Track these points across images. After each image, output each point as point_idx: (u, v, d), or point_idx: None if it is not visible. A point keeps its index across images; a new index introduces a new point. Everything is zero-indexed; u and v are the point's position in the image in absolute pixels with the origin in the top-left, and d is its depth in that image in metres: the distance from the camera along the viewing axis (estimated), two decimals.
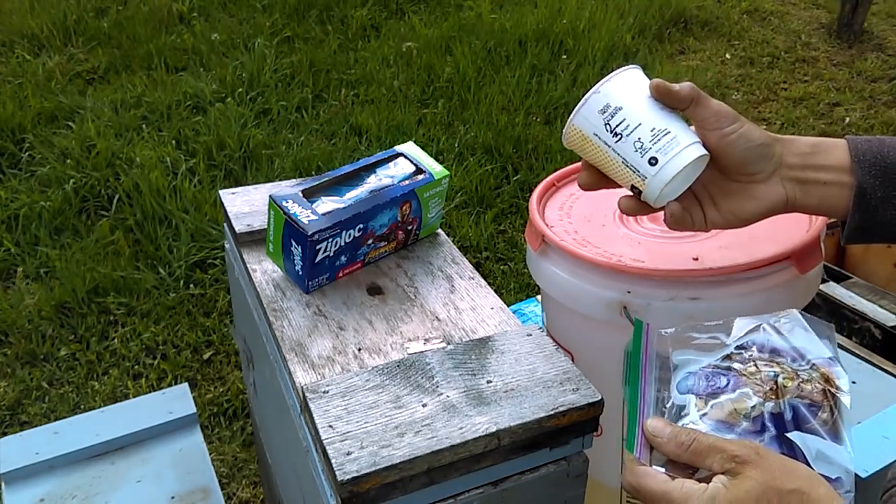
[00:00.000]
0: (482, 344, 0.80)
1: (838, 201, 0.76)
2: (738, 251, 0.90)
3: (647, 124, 0.73)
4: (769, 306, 0.89)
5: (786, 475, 0.57)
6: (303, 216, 0.86)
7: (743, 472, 0.57)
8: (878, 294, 1.79)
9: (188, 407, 1.36)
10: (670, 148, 0.73)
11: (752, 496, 0.56)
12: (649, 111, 0.74)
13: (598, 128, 0.75)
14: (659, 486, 0.60)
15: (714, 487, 0.57)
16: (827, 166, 0.75)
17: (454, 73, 3.56)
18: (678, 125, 0.74)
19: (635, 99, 0.74)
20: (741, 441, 0.59)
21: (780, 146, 0.76)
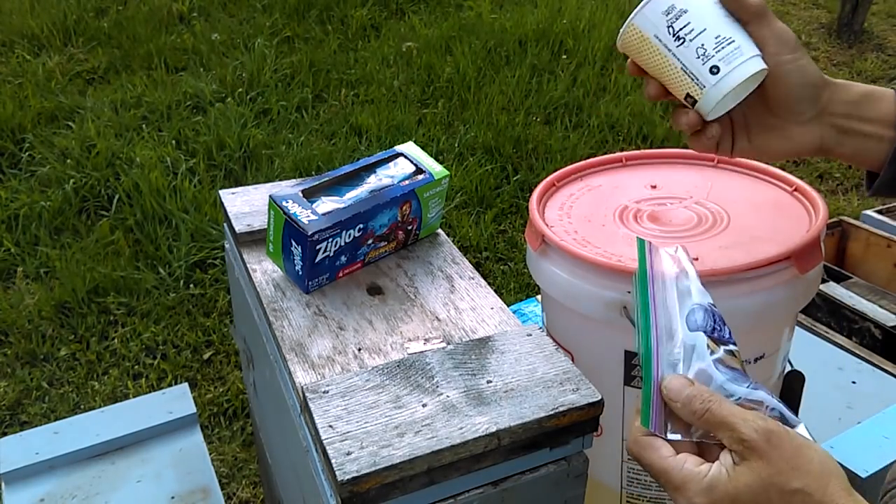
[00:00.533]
0: (482, 344, 0.80)
1: (874, 154, 0.75)
2: (738, 251, 0.90)
3: (713, 31, 0.71)
4: (769, 306, 0.89)
5: (792, 471, 0.53)
6: (303, 216, 0.86)
7: (749, 459, 0.54)
8: (878, 294, 1.79)
9: (188, 407, 1.36)
10: (734, 58, 0.71)
11: (753, 490, 0.53)
12: (715, 17, 0.71)
13: (660, 29, 0.73)
14: (660, 463, 0.57)
15: (714, 475, 0.55)
16: (871, 118, 0.74)
17: (454, 73, 3.56)
18: (742, 35, 0.72)
19: (702, 3, 0.72)
20: (756, 420, 0.55)
21: (829, 91, 0.74)
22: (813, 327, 1.61)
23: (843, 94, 0.75)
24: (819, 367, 1.48)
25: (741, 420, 0.55)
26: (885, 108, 0.74)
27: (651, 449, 0.58)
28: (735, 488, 0.54)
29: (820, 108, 0.75)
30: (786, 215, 0.97)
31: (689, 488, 0.55)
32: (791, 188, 1.02)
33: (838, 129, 0.75)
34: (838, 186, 3.26)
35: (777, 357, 0.98)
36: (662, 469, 0.57)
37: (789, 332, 1.00)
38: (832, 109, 0.75)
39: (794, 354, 1.04)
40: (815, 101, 0.75)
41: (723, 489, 0.54)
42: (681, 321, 0.62)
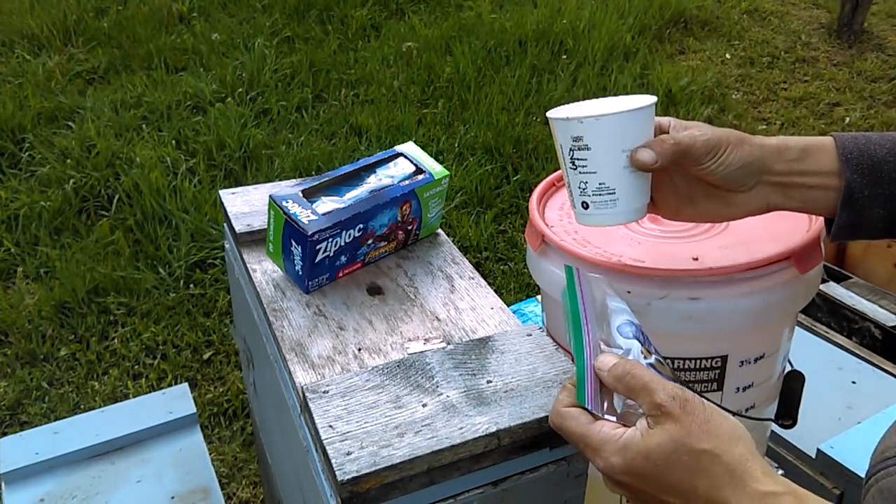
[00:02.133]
0: (482, 344, 0.80)
1: (822, 203, 0.76)
2: (738, 251, 0.90)
3: (601, 177, 0.76)
4: (769, 306, 0.89)
5: (703, 434, 0.56)
6: (303, 216, 0.86)
7: (663, 423, 0.57)
8: (878, 294, 1.79)
9: (188, 407, 1.36)
10: (605, 206, 0.77)
11: (664, 450, 0.57)
12: (611, 167, 0.75)
13: (564, 146, 0.77)
14: (578, 429, 0.61)
15: (628, 436, 0.58)
16: (814, 171, 0.76)
17: (454, 73, 3.56)
18: (632, 186, 0.76)
19: (608, 147, 0.75)
20: (674, 389, 0.58)
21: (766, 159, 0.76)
22: (813, 327, 1.61)
23: (782, 155, 0.76)
24: (819, 367, 1.47)
25: (660, 386, 0.58)
26: (826, 159, 0.75)
27: (570, 418, 0.62)
28: (647, 447, 0.57)
29: (759, 177, 0.76)
30: (786, 215, 0.97)
31: (605, 449, 0.59)
32: None
33: (782, 185, 0.76)
34: None
35: (777, 357, 0.98)
36: (581, 434, 0.61)
37: (789, 332, 1.00)
38: (773, 169, 0.76)
39: (794, 354, 1.04)
40: (750, 175, 0.76)
41: (636, 448, 0.58)
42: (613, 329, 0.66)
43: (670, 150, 0.74)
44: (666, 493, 0.58)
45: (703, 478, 0.56)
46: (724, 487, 0.56)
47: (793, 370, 1.03)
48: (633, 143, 0.75)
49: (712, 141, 0.74)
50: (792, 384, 1.02)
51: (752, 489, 0.55)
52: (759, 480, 0.55)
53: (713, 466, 0.56)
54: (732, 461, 0.56)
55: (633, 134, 0.75)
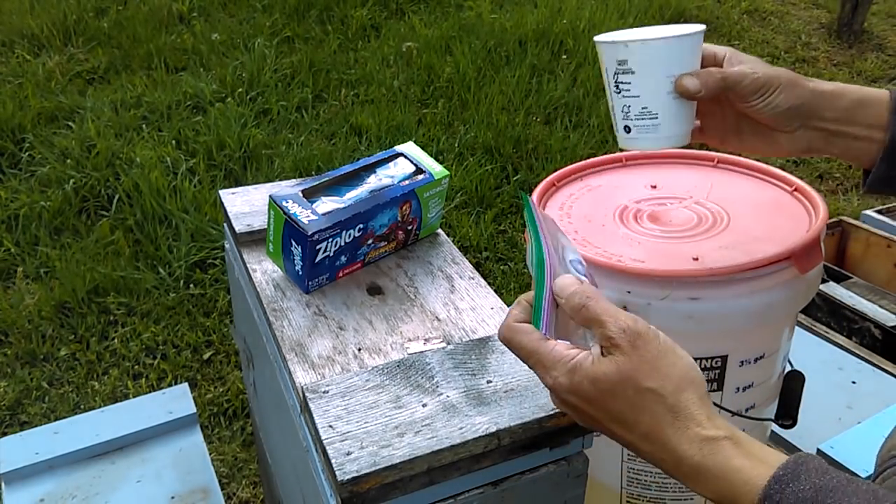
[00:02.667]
0: (482, 344, 0.80)
1: (864, 154, 0.77)
2: (738, 251, 0.90)
3: (644, 101, 0.76)
4: (769, 306, 0.89)
5: (650, 371, 0.57)
6: (303, 216, 0.86)
7: (613, 354, 0.58)
8: (878, 294, 1.79)
9: (188, 407, 1.36)
10: (646, 130, 0.77)
11: (610, 380, 0.57)
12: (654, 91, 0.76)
13: (609, 70, 0.77)
14: (531, 344, 0.61)
15: (579, 359, 0.59)
16: (863, 123, 0.76)
17: (454, 73, 3.56)
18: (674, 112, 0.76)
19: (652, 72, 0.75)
20: (626, 321, 0.58)
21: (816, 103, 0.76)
22: (813, 327, 1.61)
23: (834, 103, 0.76)
24: (819, 367, 1.48)
25: (612, 318, 0.59)
26: (878, 113, 0.76)
27: (522, 333, 0.62)
28: (595, 373, 0.58)
29: (805, 121, 0.77)
30: (786, 215, 0.97)
31: (555, 367, 0.59)
32: (791, 188, 1.02)
33: (828, 133, 0.77)
34: (838, 186, 3.26)
35: (777, 357, 0.98)
36: (533, 349, 0.61)
37: (789, 332, 1.00)
38: (821, 118, 0.76)
39: (794, 354, 1.04)
40: (797, 118, 0.76)
41: (584, 372, 0.58)
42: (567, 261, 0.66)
43: (716, 82, 0.75)
44: (609, 421, 0.59)
45: (646, 414, 0.57)
46: (665, 427, 0.57)
47: (793, 370, 1.03)
48: (678, 69, 0.75)
49: (761, 80, 0.75)
50: (792, 384, 1.02)
51: (692, 432, 0.56)
52: (702, 424, 0.56)
53: (656, 405, 0.57)
54: (677, 404, 0.57)
55: (679, 61, 0.75)
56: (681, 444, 0.56)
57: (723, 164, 1.10)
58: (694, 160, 1.12)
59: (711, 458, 0.55)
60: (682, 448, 0.56)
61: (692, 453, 0.56)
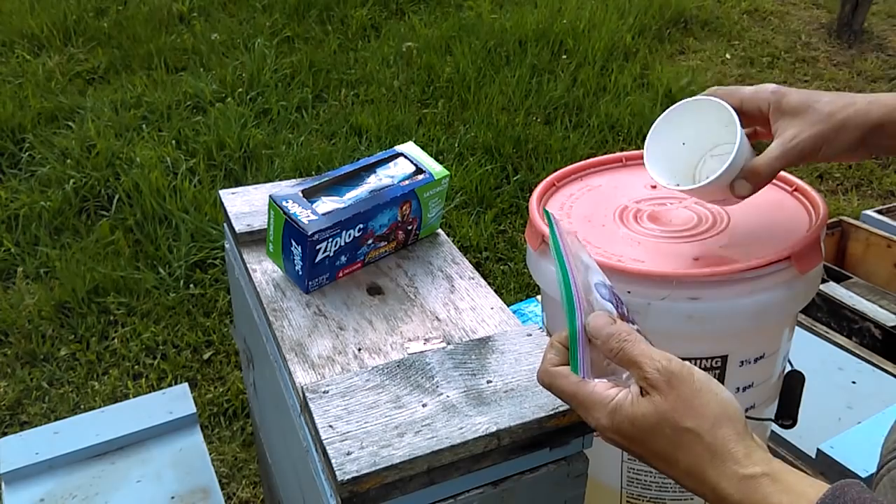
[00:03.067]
0: (482, 344, 0.80)
1: None
2: (738, 251, 0.90)
3: None
4: (769, 306, 0.89)
5: (686, 411, 0.58)
6: (303, 216, 0.86)
7: (650, 394, 0.59)
8: (878, 294, 1.79)
9: (188, 407, 1.36)
10: None
11: (649, 421, 0.59)
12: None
13: None
14: (570, 387, 0.63)
15: (619, 400, 0.60)
16: None
17: (454, 73, 3.56)
18: None
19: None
20: (661, 362, 0.59)
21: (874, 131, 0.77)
22: (813, 327, 1.61)
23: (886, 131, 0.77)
24: (819, 367, 1.47)
25: (648, 359, 0.60)
26: None
27: (561, 377, 0.64)
28: (633, 414, 0.59)
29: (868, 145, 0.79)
30: (786, 215, 0.97)
31: (596, 409, 0.61)
32: (791, 188, 1.02)
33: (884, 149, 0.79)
34: (838, 186, 3.26)
35: (777, 357, 0.98)
36: (573, 392, 0.63)
37: (789, 332, 1.00)
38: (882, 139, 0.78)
39: (794, 354, 1.04)
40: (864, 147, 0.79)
41: (623, 413, 0.60)
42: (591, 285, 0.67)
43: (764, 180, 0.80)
44: (652, 457, 0.61)
45: (684, 454, 0.58)
46: (705, 466, 0.58)
47: (793, 370, 1.03)
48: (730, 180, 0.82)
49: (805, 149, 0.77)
50: (792, 384, 1.02)
51: (731, 471, 0.57)
52: (739, 462, 0.57)
53: (694, 445, 0.58)
54: (714, 442, 0.57)
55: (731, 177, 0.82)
56: (720, 483, 0.57)
57: None
58: None
59: (751, 496, 0.56)
60: (722, 486, 0.57)
61: (731, 492, 0.56)
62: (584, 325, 0.64)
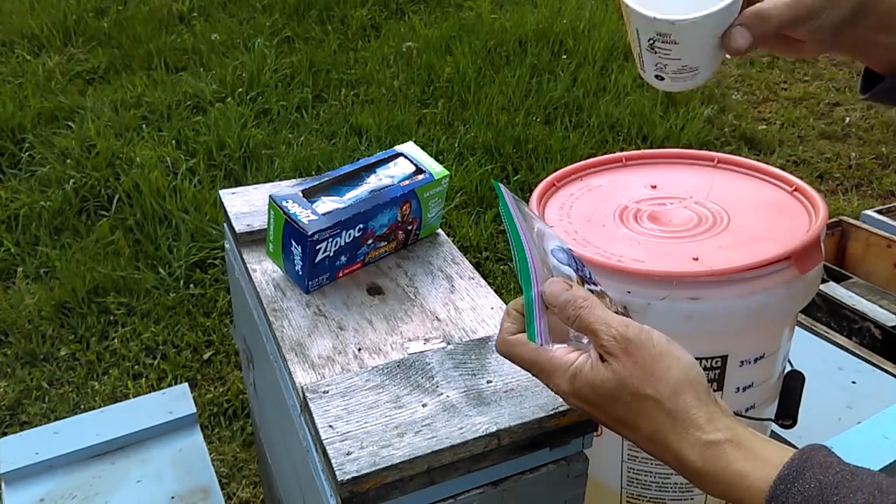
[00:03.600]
0: (482, 344, 0.80)
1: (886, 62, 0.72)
2: (738, 251, 0.90)
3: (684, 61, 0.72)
4: (769, 306, 0.89)
5: (646, 377, 0.57)
6: (303, 216, 0.86)
7: (609, 361, 0.58)
8: (878, 294, 1.79)
9: (188, 407, 1.36)
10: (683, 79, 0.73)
11: (608, 387, 0.58)
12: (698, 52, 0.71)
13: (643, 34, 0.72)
14: (529, 355, 0.62)
15: (578, 365, 0.60)
16: None
17: (454, 73, 3.56)
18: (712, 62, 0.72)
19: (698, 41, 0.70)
20: (620, 327, 0.58)
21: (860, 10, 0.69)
22: (813, 327, 1.61)
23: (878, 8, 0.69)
24: (819, 367, 1.47)
25: (604, 327, 0.59)
26: None
27: (519, 345, 0.63)
28: (593, 380, 0.59)
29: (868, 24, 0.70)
30: (786, 215, 0.97)
31: (556, 375, 0.61)
32: (791, 188, 1.02)
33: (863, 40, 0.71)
34: (838, 186, 3.26)
35: (777, 357, 0.98)
36: (532, 360, 0.62)
37: (789, 332, 1.00)
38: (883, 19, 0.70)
39: (794, 354, 1.04)
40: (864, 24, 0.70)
41: (584, 378, 0.59)
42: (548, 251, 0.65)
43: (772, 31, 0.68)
44: (614, 423, 0.60)
45: (645, 421, 0.58)
46: (666, 433, 0.57)
47: (793, 370, 1.03)
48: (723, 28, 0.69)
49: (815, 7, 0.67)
50: (792, 384, 1.02)
51: (693, 437, 0.56)
52: (702, 427, 0.56)
53: (654, 411, 0.57)
54: (675, 409, 0.57)
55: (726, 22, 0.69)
56: (682, 450, 0.56)
57: (723, 164, 1.10)
58: (694, 160, 1.12)
59: (713, 462, 0.55)
60: (685, 453, 0.56)
61: (693, 458, 0.56)
62: (539, 293, 0.62)
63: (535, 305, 0.62)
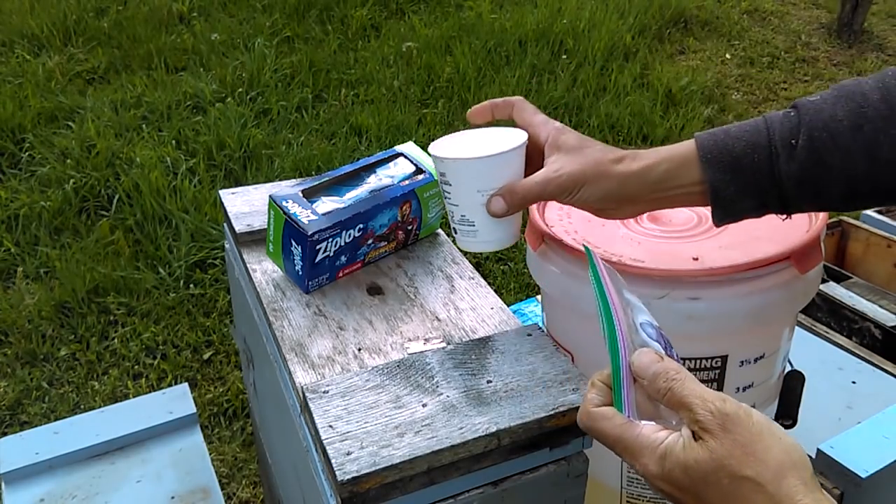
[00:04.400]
0: (482, 344, 0.80)
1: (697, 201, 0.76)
2: (738, 251, 0.90)
3: (462, 209, 0.80)
4: (769, 306, 0.89)
5: (746, 457, 0.52)
6: (303, 216, 0.86)
7: (704, 439, 0.54)
8: (878, 294, 1.79)
9: (188, 407, 1.36)
10: (468, 234, 0.81)
11: (703, 469, 0.53)
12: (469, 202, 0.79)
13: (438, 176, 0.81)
14: (614, 430, 0.58)
15: (668, 445, 0.55)
16: (680, 184, 0.74)
17: (454, 73, 3.56)
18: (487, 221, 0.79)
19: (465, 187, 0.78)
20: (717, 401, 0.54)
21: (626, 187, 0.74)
22: (813, 327, 1.61)
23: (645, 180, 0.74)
24: (819, 367, 1.47)
25: (699, 401, 0.55)
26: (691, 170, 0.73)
27: (604, 419, 0.58)
28: (686, 461, 0.54)
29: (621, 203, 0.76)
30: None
31: (643, 454, 0.56)
32: None
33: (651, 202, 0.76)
34: None
35: (777, 357, 0.98)
36: (617, 436, 0.57)
37: (789, 332, 1.00)
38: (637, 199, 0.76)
39: (794, 354, 1.04)
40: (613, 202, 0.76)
41: (675, 459, 0.54)
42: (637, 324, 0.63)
43: (519, 202, 0.77)
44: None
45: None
46: None
47: (793, 370, 1.03)
48: (489, 185, 0.77)
49: (565, 184, 0.75)
50: (792, 384, 1.02)
51: None
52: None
53: (755, 496, 0.52)
54: (777, 493, 0.51)
55: (489, 177, 0.77)
56: None
57: None
58: None
59: None
60: None
61: None
62: (629, 363, 0.59)
63: (623, 375, 0.59)
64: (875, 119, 0.69)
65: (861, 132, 0.69)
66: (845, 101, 0.71)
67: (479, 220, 0.79)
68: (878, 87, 0.70)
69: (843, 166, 0.70)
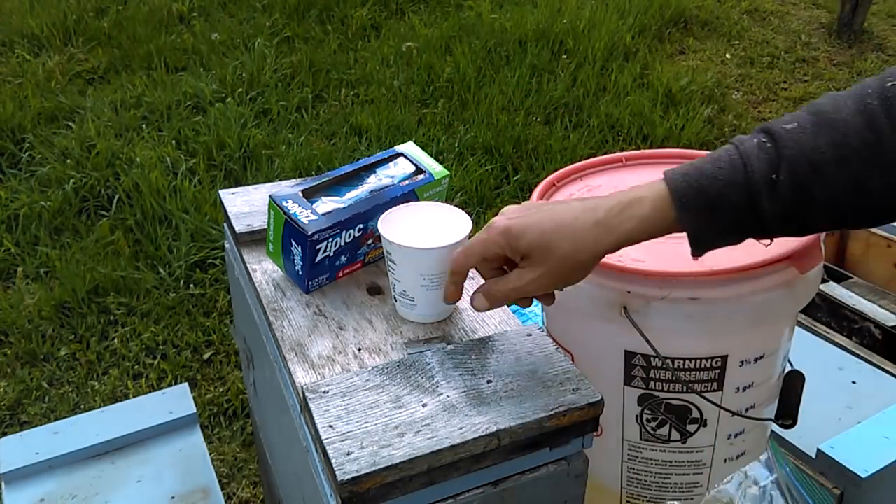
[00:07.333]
0: (482, 344, 0.80)
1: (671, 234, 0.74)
2: (738, 251, 0.90)
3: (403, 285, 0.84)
4: (769, 306, 0.89)
5: None
6: (303, 216, 0.86)
7: None
8: (878, 294, 1.79)
9: (188, 407, 1.36)
10: (406, 307, 0.85)
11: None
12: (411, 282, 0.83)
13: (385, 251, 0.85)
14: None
15: None
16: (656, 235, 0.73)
17: (454, 73, 3.56)
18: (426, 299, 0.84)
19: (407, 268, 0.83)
20: None
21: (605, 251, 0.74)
22: (813, 327, 1.61)
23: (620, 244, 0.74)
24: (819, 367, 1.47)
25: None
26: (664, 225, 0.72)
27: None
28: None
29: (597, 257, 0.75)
30: None
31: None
32: None
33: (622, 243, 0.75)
34: None
35: (777, 357, 0.98)
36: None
37: (789, 332, 1.00)
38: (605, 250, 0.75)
39: (794, 354, 1.04)
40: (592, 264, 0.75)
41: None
42: None
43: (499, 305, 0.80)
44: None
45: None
46: None
47: (793, 370, 1.03)
48: (431, 271, 0.82)
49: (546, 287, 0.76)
50: (792, 384, 1.02)
51: None
52: None
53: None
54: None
55: (432, 265, 0.82)
56: None
57: None
58: None
59: None
60: None
61: None
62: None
63: None
64: (860, 149, 0.66)
65: (847, 163, 0.66)
66: (827, 130, 0.67)
67: (418, 298, 0.84)
68: (859, 110, 0.66)
69: (828, 199, 0.67)
